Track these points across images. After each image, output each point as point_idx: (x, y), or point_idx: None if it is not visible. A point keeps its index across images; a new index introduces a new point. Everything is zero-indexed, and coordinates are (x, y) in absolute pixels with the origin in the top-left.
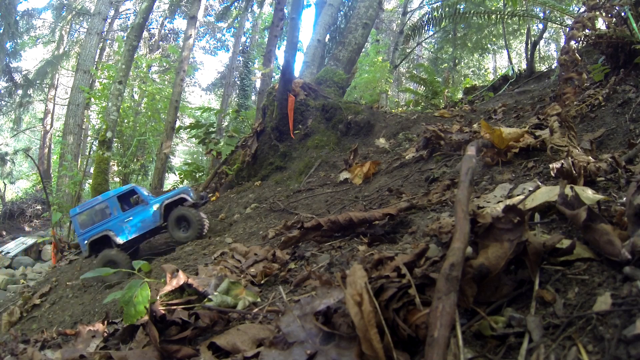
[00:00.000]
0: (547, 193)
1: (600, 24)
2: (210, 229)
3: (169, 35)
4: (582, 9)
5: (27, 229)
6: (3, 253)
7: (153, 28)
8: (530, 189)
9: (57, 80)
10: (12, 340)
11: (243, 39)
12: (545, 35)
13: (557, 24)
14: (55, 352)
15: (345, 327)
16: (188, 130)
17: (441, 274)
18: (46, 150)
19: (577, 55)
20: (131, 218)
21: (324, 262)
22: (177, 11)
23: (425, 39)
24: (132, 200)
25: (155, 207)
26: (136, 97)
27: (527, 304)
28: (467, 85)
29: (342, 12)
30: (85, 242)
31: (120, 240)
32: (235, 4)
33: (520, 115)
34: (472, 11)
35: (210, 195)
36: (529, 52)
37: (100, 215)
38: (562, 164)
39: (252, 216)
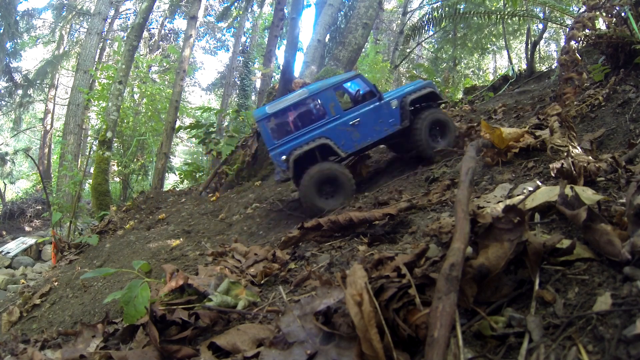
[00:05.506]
0: (547, 193)
1: (600, 24)
2: (209, 229)
3: (169, 35)
4: (582, 9)
5: (27, 229)
6: (3, 253)
7: (153, 28)
8: (530, 189)
9: (57, 80)
10: (12, 340)
11: (243, 39)
12: (545, 35)
13: (557, 24)
14: (55, 352)
15: (345, 327)
16: (188, 130)
17: (441, 274)
18: (46, 150)
19: (577, 55)
20: (358, 119)
21: (324, 262)
22: (177, 11)
23: (425, 39)
24: (356, 94)
25: (393, 104)
26: (136, 97)
27: (527, 304)
28: (467, 85)
29: (342, 12)
30: (283, 157)
31: (344, 152)
32: (236, 4)
33: (520, 115)
34: (472, 11)
35: (210, 195)
36: (529, 52)
37: (309, 116)
38: (562, 164)
39: (252, 216)
